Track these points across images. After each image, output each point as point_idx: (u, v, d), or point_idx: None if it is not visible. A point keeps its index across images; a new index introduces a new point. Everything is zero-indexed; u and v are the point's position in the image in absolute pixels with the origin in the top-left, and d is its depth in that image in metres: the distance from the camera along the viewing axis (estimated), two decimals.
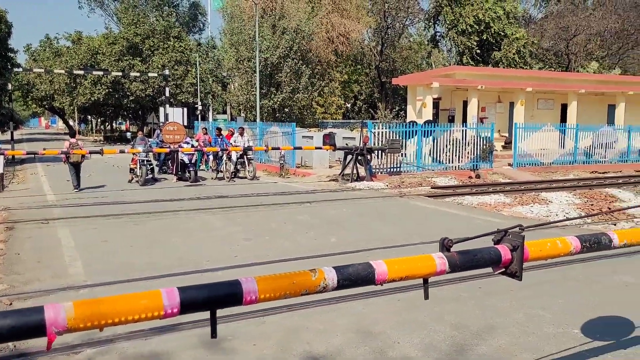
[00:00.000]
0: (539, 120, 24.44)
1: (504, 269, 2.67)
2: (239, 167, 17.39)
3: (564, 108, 27.51)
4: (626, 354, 4.11)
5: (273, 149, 18.05)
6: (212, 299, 1.97)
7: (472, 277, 5.82)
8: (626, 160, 22.72)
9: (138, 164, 15.37)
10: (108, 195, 13.17)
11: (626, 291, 5.80)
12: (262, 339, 4.42)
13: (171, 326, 4.49)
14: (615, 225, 9.99)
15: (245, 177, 17.18)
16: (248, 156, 17.13)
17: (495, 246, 2.63)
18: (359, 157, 16.35)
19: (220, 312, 2.00)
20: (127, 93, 40.22)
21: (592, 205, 12.41)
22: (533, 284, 5.77)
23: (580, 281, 6.11)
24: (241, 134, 18.34)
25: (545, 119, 25.17)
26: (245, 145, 17.25)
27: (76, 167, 14.11)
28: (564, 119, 26.82)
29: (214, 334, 2.02)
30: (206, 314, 2.00)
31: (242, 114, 36.04)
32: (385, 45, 45.54)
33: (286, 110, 33.65)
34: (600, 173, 20.44)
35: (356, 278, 2.27)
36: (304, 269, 2.17)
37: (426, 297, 2.52)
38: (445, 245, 2.55)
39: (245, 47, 32.41)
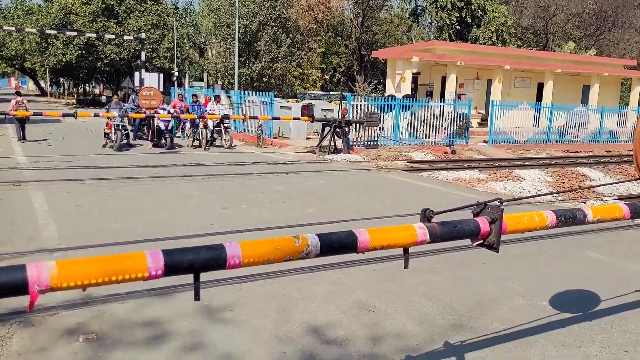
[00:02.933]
0: (515, 99, 24.67)
1: (482, 241, 2.73)
2: (215, 135, 17.23)
3: (540, 87, 27.81)
4: (591, 326, 4.26)
5: (251, 118, 17.89)
6: (196, 262, 1.98)
7: (448, 250, 5.95)
8: (597, 141, 23.17)
9: (113, 128, 15.09)
10: (82, 159, 12.94)
11: (593, 266, 5.99)
12: (240, 306, 4.45)
13: (146, 291, 4.50)
14: (585, 203, 10.24)
15: (222, 146, 17.04)
16: (225, 125, 16.96)
17: (475, 218, 2.68)
18: (337, 130, 16.33)
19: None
20: (101, 56, 39.16)
21: (563, 183, 12.68)
22: (504, 258, 5.91)
23: (550, 256, 6.28)
24: (217, 102, 18.12)
25: (521, 97, 25.41)
26: (222, 114, 17.06)
27: (21, 122, 16.39)
28: (539, 97, 27.12)
29: (197, 297, 2.03)
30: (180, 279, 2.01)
31: (220, 82, 35.56)
32: (366, 17, 45.14)
33: (264, 79, 33.30)
34: (572, 152, 20.84)
35: (339, 245, 2.29)
36: None
37: (406, 266, 2.56)
38: (426, 216, 2.59)
39: (224, 13, 31.81)
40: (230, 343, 3.81)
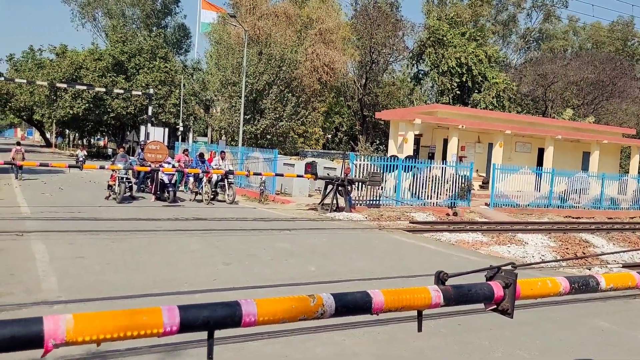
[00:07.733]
0: (516, 163, 24.94)
1: (495, 306, 2.70)
2: (218, 190, 17.30)
3: (541, 152, 28.16)
4: None
5: (254, 174, 18.02)
6: (212, 319, 1.95)
7: (452, 314, 5.85)
8: (599, 207, 23.21)
9: (117, 181, 15.17)
10: (84, 210, 12.94)
11: (602, 335, 5.87)
12: None
13: (148, 347, 4.40)
14: (589, 270, 10.15)
15: (224, 201, 17.06)
16: (229, 180, 17.05)
17: (489, 282, 2.66)
18: (340, 188, 16.40)
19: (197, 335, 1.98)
20: (109, 109, 39.90)
21: (567, 249, 12.61)
22: (511, 324, 5.79)
23: (558, 323, 6.16)
24: (222, 158, 18.31)
25: (522, 162, 25.70)
26: (227, 169, 17.20)
27: (20, 167, 19.07)
28: (540, 162, 27.42)
29: (210, 355, 1.99)
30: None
31: (224, 138, 36.03)
32: (369, 79, 46.28)
33: (268, 136, 33.76)
34: (574, 218, 20.84)
35: (354, 306, 2.26)
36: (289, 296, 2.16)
37: (419, 329, 2.52)
38: (440, 279, 2.57)
39: (232, 71, 32.63)
40: None
